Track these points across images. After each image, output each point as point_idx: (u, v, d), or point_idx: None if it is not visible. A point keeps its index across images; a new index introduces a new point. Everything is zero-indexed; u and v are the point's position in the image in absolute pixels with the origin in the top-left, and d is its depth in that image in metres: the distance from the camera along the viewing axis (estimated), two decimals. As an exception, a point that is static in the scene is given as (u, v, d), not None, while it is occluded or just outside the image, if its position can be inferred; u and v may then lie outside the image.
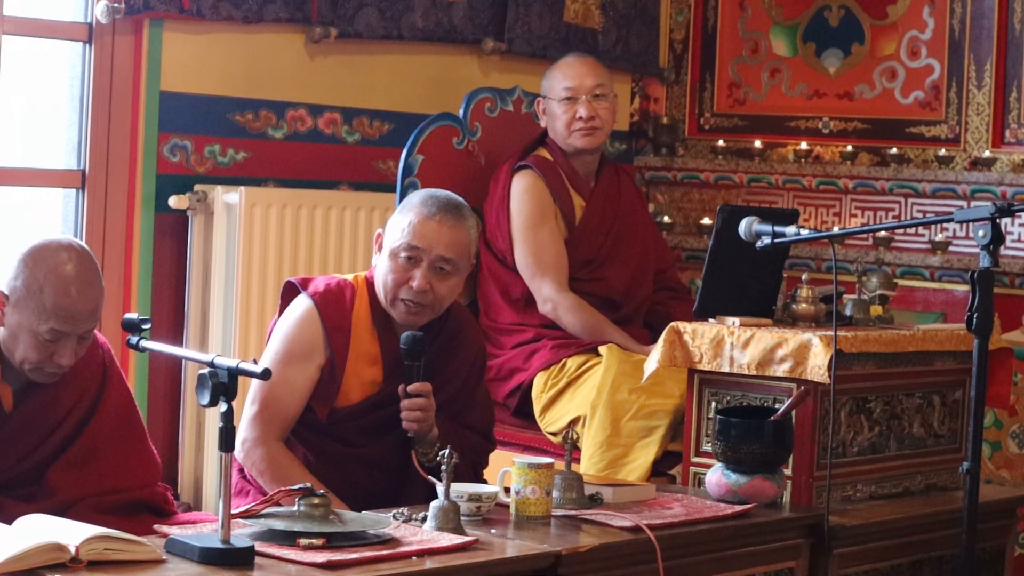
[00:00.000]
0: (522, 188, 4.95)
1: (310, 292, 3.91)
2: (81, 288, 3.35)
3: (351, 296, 3.92)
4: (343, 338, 3.88)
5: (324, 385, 3.87)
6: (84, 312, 3.35)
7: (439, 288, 3.86)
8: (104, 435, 3.51)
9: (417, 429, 3.81)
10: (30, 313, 3.32)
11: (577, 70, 5.04)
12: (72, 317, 3.34)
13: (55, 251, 3.36)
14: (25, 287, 3.33)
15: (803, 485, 3.96)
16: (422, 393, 3.80)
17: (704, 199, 6.17)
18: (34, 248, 3.37)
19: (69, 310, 3.33)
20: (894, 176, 5.72)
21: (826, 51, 6.01)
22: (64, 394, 3.47)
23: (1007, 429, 5.46)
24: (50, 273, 3.33)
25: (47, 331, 3.33)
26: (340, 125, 5.44)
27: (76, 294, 3.34)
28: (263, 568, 3.00)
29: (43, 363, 3.37)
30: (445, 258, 3.85)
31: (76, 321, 3.35)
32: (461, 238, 3.88)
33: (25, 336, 3.34)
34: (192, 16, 4.95)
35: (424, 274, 3.85)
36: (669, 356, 4.10)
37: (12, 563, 2.86)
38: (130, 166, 4.94)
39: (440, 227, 3.85)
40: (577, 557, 3.34)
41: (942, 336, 4.26)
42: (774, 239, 3.90)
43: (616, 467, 4.53)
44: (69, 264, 3.35)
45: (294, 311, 3.92)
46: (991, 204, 3.62)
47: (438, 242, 3.85)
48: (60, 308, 3.33)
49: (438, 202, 3.89)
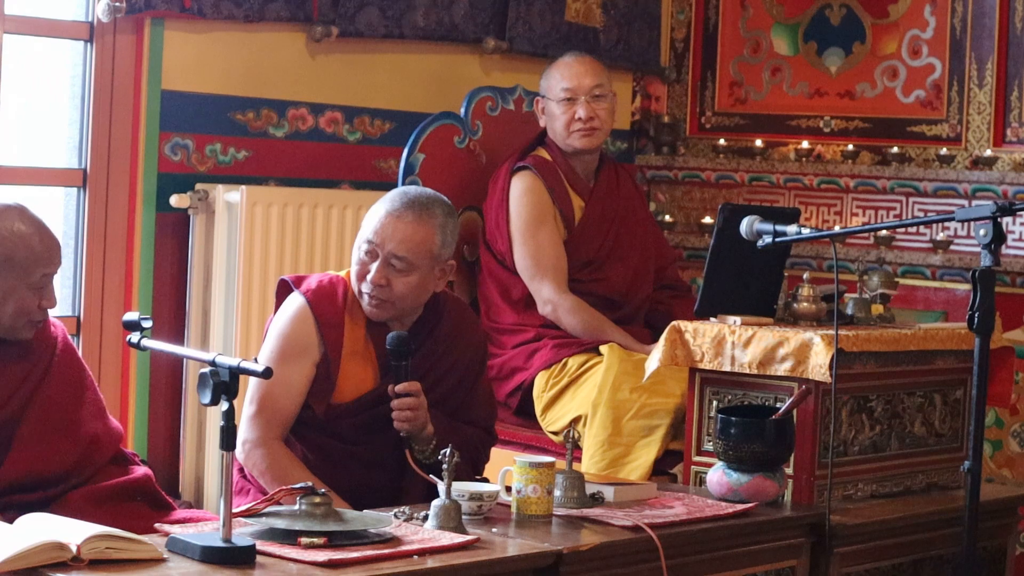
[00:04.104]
0: (521, 189, 4.95)
1: (303, 290, 3.91)
2: (45, 230, 3.56)
3: (343, 292, 3.92)
4: (336, 334, 3.88)
5: (320, 382, 3.87)
6: (57, 249, 3.58)
7: (396, 284, 3.85)
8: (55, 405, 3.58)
9: (407, 428, 3.81)
10: (16, 272, 3.49)
11: (576, 70, 5.03)
12: (54, 257, 3.56)
13: (7, 213, 3.53)
14: (4, 253, 3.48)
15: (804, 484, 3.96)
16: (410, 392, 3.80)
17: (705, 198, 6.17)
18: None
19: (51, 251, 3.55)
20: (895, 175, 5.72)
21: (827, 50, 6.01)
22: (15, 366, 3.57)
23: (1008, 428, 5.46)
24: (16, 230, 3.50)
25: (39, 279, 3.51)
26: (341, 124, 5.43)
27: (48, 237, 3.56)
28: (264, 567, 3.01)
29: (34, 312, 3.53)
30: (397, 255, 3.83)
31: (56, 260, 3.57)
32: (418, 236, 3.84)
33: (15, 294, 3.49)
34: (193, 15, 4.95)
35: (379, 269, 3.84)
36: (670, 355, 4.10)
37: (13, 562, 2.86)
38: (131, 165, 4.94)
39: (397, 224, 3.84)
40: (578, 556, 3.34)
41: (943, 335, 4.26)
42: (775, 238, 3.90)
43: (617, 466, 4.53)
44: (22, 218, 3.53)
45: (287, 309, 3.92)
46: (992, 203, 3.62)
47: (392, 238, 3.84)
48: (45, 252, 3.52)
49: (405, 199, 3.88)
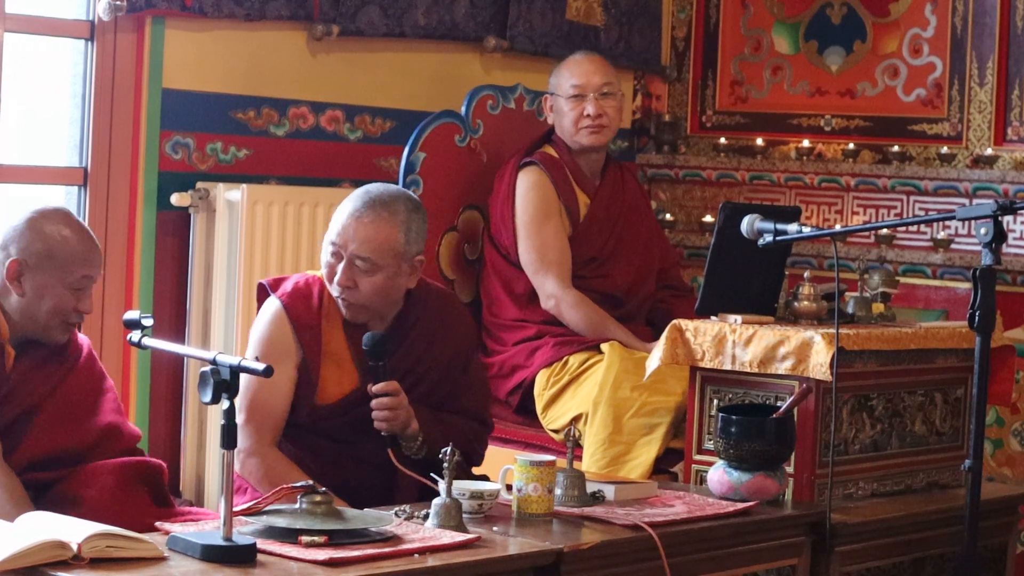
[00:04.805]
0: (527, 185, 4.96)
1: (279, 294, 3.91)
2: (87, 234, 3.70)
3: (319, 294, 3.91)
4: (312, 337, 3.87)
5: (302, 385, 3.87)
6: (98, 254, 3.71)
7: (362, 284, 3.84)
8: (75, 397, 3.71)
9: (388, 428, 3.80)
10: (57, 270, 3.61)
11: (585, 68, 5.05)
12: (94, 260, 3.68)
13: (54, 214, 3.68)
14: (46, 249, 3.61)
15: (805, 483, 3.96)
16: (389, 392, 3.79)
17: (706, 197, 6.17)
18: (35, 215, 3.67)
19: (91, 253, 3.68)
20: (896, 174, 5.72)
21: (828, 49, 6.01)
22: (42, 364, 3.69)
23: (1009, 427, 5.46)
24: (59, 230, 3.64)
25: (79, 279, 3.63)
26: (342, 123, 5.43)
27: (90, 241, 3.69)
28: (265, 565, 3.01)
29: (69, 313, 3.65)
30: (359, 256, 3.83)
31: (96, 264, 3.69)
32: (378, 236, 3.83)
33: (53, 291, 3.61)
34: (194, 14, 4.95)
35: (344, 270, 3.84)
36: (671, 354, 4.10)
37: (14, 560, 2.86)
38: (132, 163, 4.94)
39: (357, 224, 3.83)
40: (579, 555, 3.34)
41: (944, 334, 4.26)
42: (776, 237, 3.90)
43: (618, 465, 4.53)
44: (69, 224, 3.68)
45: (264, 314, 3.92)
46: (993, 202, 3.62)
47: (353, 239, 3.83)
48: (85, 253, 3.65)
49: (367, 198, 3.87)
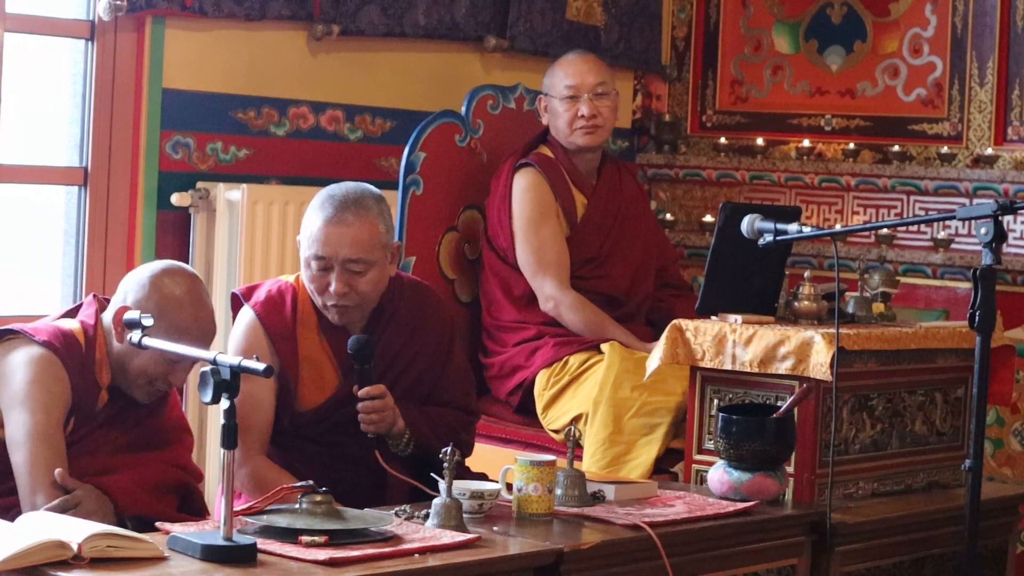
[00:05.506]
0: (524, 186, 4.95)
1: (252, 303, 3.91)
2: (204, 311, 3.62)
3: (292, 300, 3.91)
4: (288, 345, 3.88)
5: (282, 393, 3.87)
6: (208, 337, 3.60)
7: (359, 286, 3.85)
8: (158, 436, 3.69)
9: (375, 430, 3.81)
10: (159, 332, 3.48)
11: (579, 68, 5.03)
12: (205, 341, 3.57)
13: (180, 277, 3.62)
14: (157, 308, 3.54)
15: (805, 482, 3.96)
16: (375, 395, 3.79)
17: (706, 196, 6.16)
18: (160, 272, 3.62)
19: (204, 333, 3.59)
20: (896, 174, 5.72)
21: (828, 48, 6.01)
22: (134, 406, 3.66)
23: (1009, 426, 5.46)
24: (182, 295, 3.58)
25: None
26: (342, 122, 5.43)
27: (204, 321, 3.61)
28: (265, 565, 3.01)
29: (156, 380, 3.60)
30: (352, 259, 3.83)
31: (205, 344, 3.57)
32: (363, 234, 3.84)
33: (149, 352, 3.52)
34: (194, 13, 4.95)
35: (339, 278, 3.83)
36: (671, 353, 4.10)
37: (15, 560, 2.86)
38: (132, 163, 4.94)
39: (339, 230, 3.83)
40: (579, 554, 3.34)
41: (944, 333, 4.26)
42: (776, 236, 3.90)
43: (618, 464, 4.53)
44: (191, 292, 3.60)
45: (239, 325, 3.93)
46: (993, 201, 3.62)
47: (341, 245, 3.83)
48: (197, 331, 3.57)
49: (334, 202, 3.86)
